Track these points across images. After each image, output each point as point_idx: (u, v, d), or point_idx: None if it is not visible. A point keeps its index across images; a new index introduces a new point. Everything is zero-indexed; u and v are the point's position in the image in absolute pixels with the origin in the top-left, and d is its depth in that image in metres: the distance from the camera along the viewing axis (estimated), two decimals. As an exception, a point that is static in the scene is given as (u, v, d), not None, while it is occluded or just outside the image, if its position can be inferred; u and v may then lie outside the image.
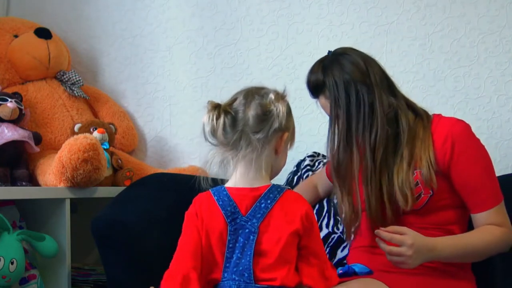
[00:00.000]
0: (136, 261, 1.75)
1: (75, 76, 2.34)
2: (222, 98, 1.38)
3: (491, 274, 1.68)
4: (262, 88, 1.36)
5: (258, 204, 1.29)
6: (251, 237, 1.28)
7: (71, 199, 1.92)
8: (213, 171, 1.36)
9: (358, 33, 2.31)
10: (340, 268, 1.46)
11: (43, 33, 2.28)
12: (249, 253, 1.27)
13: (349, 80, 1.54)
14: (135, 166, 2.31)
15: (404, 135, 1.55)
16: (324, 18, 2.35)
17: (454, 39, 2.22)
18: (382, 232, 1.40)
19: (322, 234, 1.89)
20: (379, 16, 2.30)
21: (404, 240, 1.39)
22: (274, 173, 1.38)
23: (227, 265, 1.30)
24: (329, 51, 1.64)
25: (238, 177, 1.33)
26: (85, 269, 2.11)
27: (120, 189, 2.00)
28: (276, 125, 1.30)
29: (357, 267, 1.45)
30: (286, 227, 1.28)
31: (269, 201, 1.29)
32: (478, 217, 1.54)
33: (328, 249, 1.88)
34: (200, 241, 1.33)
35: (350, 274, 1.44)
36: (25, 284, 1.84)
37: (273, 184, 1.33)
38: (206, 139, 1.32)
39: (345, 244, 1.88)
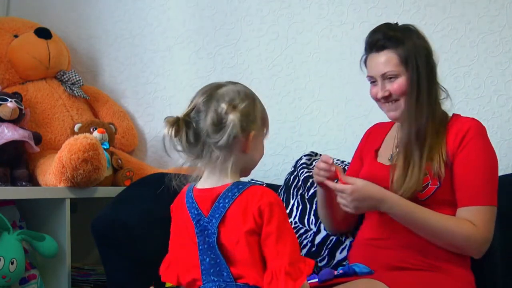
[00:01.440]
0: (136, 261, 1.75)
1: (75, 76, 2.34)
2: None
3: (492, 273, 1.68)
4: (220, 87, 1.31)
5: (217, 203, 1.26)
6: (213, 238, 1.26)
7: (71, 199, 1.92)
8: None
9: (358, 33, 2.31)
10: (340, 267, 1.45)
11: (43, 33, 2.28)
12: (218, 253, 1.26)
13: (424, 53, 1.62)
14: (135, 166, 2.31)
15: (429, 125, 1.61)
16: (324, 18, 2.35)
17: (454, 39, 2.22)
18: (328, 182, 1.55)
19: (320, 236, 1.89)
20: (379, 16, 2.30)
21: (345, 188, 1.51)
22: (248, 168, 1.34)
23: (203, 267, 1.28)
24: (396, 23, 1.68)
25: (203, 179, 1.31)
26: (85, 269, 2.11)
27: (120, 189, 2.00)
28: (234, 131, 1.24)
29: (358, 267, 1.45)
30: (242, 227, 1.23)
31: (226, 200, 1.25)
32: (459, 212, 1.55)
33: (326, 251, 1.88)
34: (178, 240, 1.35)
35: (350, 274, 1.44)
36: (25, 284, 1.84)
37: (235, 182, 1.28)
38: (166, 151, 1.28)
39: (343, 245, 1.87)
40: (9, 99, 1.99)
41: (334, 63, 2.33)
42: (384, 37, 1.62)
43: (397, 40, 1.61)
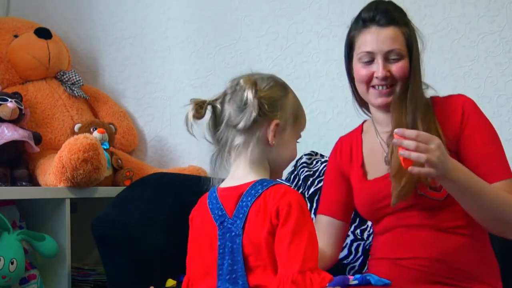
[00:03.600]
0: (136, 261, 1.75)
1: (75, 76, 2.34)
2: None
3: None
4: (251, 74, 1.26)
5: (240, 202, 1.18)
6: (237, 240, 1.17)
7: (71, 199, 1.92)
8: (215, 170, 1.29)
9: (358, 33, 2.31)
10: (355, 277, 1.40)
11: (43, 33, 2.28)
12: (239, 258, 1.17)
13: (417, 38, 1.54)
14: (135, 166, 2.31)
15: None
16: (324, 18, 2.35)
17: (454, 39, 2.22)
18: (405, 130, 1.29)
19: (321, 235, 1.88)
20: (379, 16, 2.29)
21: (432, 138, 1.29)
22: (276, 167, 1.27)
23: (220, 272, 1.20)
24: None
25: (229, 176, 1.25)
26: (85, 269, 2.11)
27: (120, 189, 2.00)
28: (254, 114, 1.18)
29: (373, 279, 1.39)
30: (262, 228, 1.15)
31: (249, 198, 1.17)
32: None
33: (327, 250, 1.88)
34: (196, 247, 1.28)
35: (365, 285, 1.38)
36: (25, 284, 1.84)
37: (261, 179, 1.20)
38: (189, 130, 1.25)
39: (344, 244, 1.87)
40: (9, 99, 1.99)
41: (334, 63, 2.33)
42: (389, 13, 1.50)
43: (401, 19, 1.52)
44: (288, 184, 1.17)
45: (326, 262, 1.61)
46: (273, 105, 1.22)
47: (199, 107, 1.24)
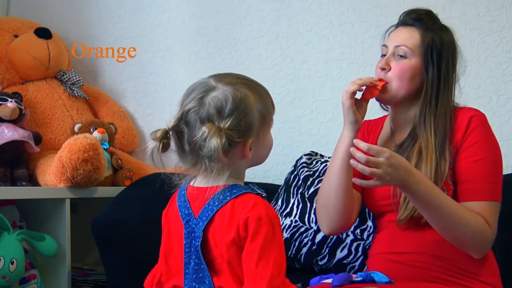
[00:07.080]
0: (136, 261, 1.75)
1: (75, 76, 2.34)
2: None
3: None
4: (208, 91, 1.16)
5: (207, 205, 1.17)
6: (198, 241, 1.17)
7: (71, 199, 1.92)
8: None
9: (358, 33, 2.31)
10: (359, 274, 1.41)
11: (43, 33, 2.28)
12: (202, 258, 1.17)
13: (450, 54, 1.53)
14: (135, 166, 2.31)
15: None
16: (324, 18, 2.35)
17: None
18: (360, 142, 1.35)
19: (321, 235, 1.89)
20: (379, 16, 2.30)
21: (384, 151, 1.33)
22: (258, 162, 1.25)
23: (186, 271, 1.20)
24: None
25: (201, 176, 1.22)
26: (85, 269, 2.11)
27: (120, 189, 2.00)
28: (220, 153, 1.12)
29: (377, 276, 1.39)
30: (226, 235, 1.13)
31: (216, 203, 1.15)
32: (467, 206, 1.44)
33: (327, 250, 1.88)
34: (167, 244, 1.27)
35: (368, 282, 1.39)
36: (25, 284, 1.84)
37: (231, 185, 1.17)
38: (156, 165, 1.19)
39: (344, 244, 1.88)
40: (9, 99, 1.99)
41: (334, 63, 2.34)
42: (417, 16, 1.56)
43: (428, 25, 1.54)
44: (260, 191, 1.15)
45: (345, 224, 1.61)
46: (240, 130, 1.15)
47: (166, 139, 1.19)
